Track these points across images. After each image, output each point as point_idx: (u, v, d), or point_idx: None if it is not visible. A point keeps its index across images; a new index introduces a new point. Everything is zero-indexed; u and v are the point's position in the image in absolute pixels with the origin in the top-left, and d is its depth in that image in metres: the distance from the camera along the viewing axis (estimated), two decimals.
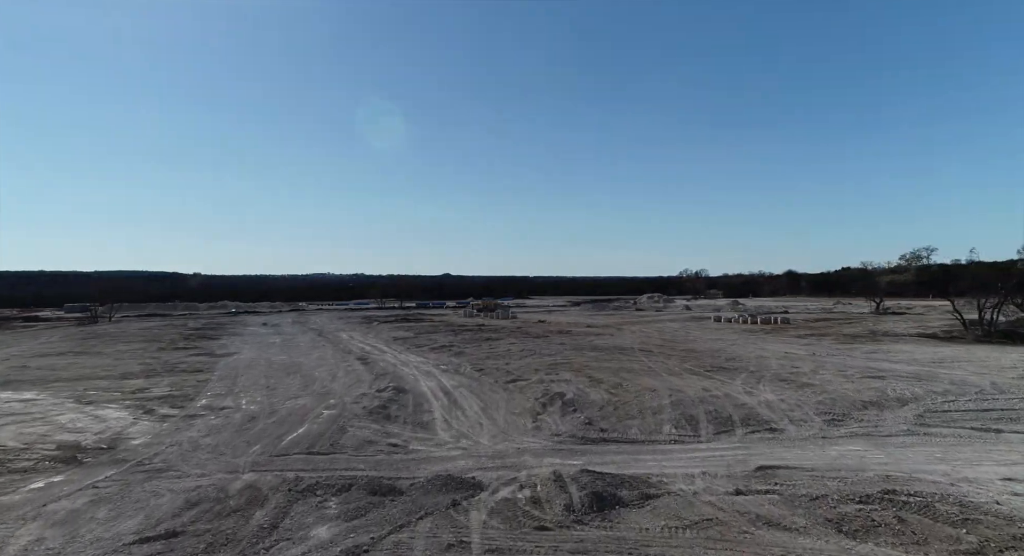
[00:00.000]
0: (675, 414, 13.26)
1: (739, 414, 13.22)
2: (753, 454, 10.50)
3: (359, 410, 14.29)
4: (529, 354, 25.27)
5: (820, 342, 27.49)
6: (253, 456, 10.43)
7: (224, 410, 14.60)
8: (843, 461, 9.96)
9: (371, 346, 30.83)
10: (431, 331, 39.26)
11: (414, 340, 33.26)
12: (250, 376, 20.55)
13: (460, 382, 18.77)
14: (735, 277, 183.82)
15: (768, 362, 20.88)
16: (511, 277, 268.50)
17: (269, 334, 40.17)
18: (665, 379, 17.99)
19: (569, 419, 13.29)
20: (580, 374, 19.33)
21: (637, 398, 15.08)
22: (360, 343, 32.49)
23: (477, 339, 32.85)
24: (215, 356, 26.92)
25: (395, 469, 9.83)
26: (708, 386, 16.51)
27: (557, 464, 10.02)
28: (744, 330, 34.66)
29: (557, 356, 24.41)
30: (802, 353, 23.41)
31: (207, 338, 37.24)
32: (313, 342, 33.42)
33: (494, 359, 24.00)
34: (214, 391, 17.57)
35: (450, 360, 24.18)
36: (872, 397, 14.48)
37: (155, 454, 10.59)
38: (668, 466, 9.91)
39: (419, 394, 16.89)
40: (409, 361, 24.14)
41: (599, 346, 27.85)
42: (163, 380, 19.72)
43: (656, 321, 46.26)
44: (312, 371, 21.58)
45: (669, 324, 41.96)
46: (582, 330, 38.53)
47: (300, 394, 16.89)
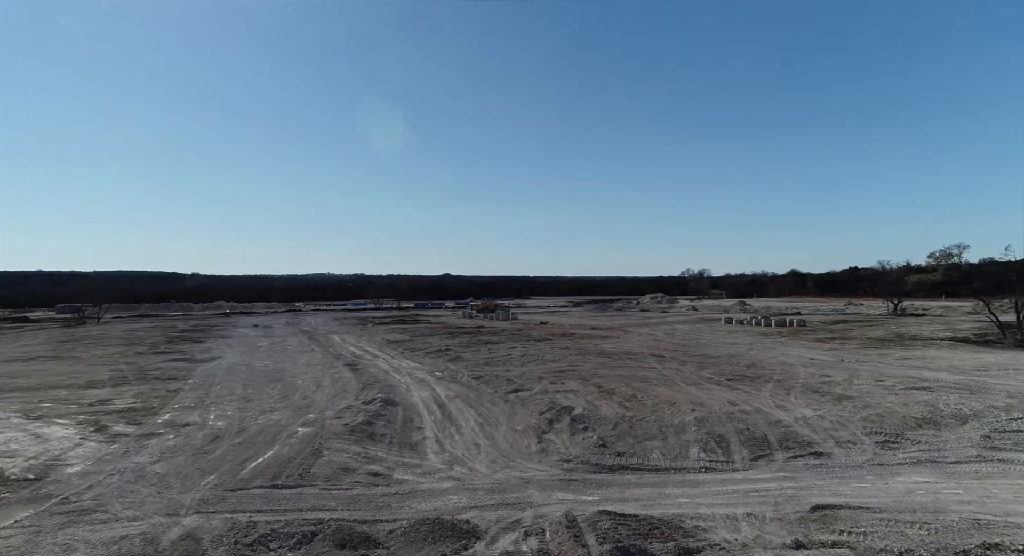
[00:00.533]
0: (701, 434, 11.59)
1: (775, 434, 11.55)
2: (802, 487, 8.84)
3: (340, 427, 12.63)
4: (531, 360, 23.60)
5: (844, 347, 25.79)
6: (204, 490, 8.76)
7: (187, 427, 12.93)
8: (914, 498, 8.29)
9: (363, 350, 29.17)
10: (427, 334, 37.59)
11: (409, 343, 31.60)
12: (227, 385, 18.88)
13: (456, 392, 17.13)
14: (738, 277, 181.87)
15: (794, 370, 19.19)
16: (511, 277, 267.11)
17: (258, 336, 38.50)
18: (683, 390, 16.32)
19: (580, 439, 11.63)
20: (588, 383, 17.66)
21: (655, 413, 13.42)
22: (352, 347, 30.83)
23: (476, 343, 31.19)
24: (195, 361, 25.25)
25: (374, 508, 8.17)
26: (733, 398, 14.84)
27: (569, 501, 8.37)
28: (759, 333, 32.96)
29: (561, 362, 22.74)
30: (829, 359, 21.71)
31: (192, 341, 35.57)
32: (302, 345, 31.75)
33: (493, 365, 22.34)
34: (183, 403, 15.90)
35: (446, 366, 22.52)
36: (923, 413, 12.80)
37: (88, 487, 8.92)
38: (703, 503, 8.25)
39: (410, 407, 15.23)
40: (402, 367, 22.47)
41: (606, 351, 26.18)
42: (130, 390, 18.05)
43: (663, 323, 44.56)
44: (295, 379, 19.92)
45: (678, 326, 40.26)
46: (586, 332, 36.85)
47: (277, 407, 15.23)
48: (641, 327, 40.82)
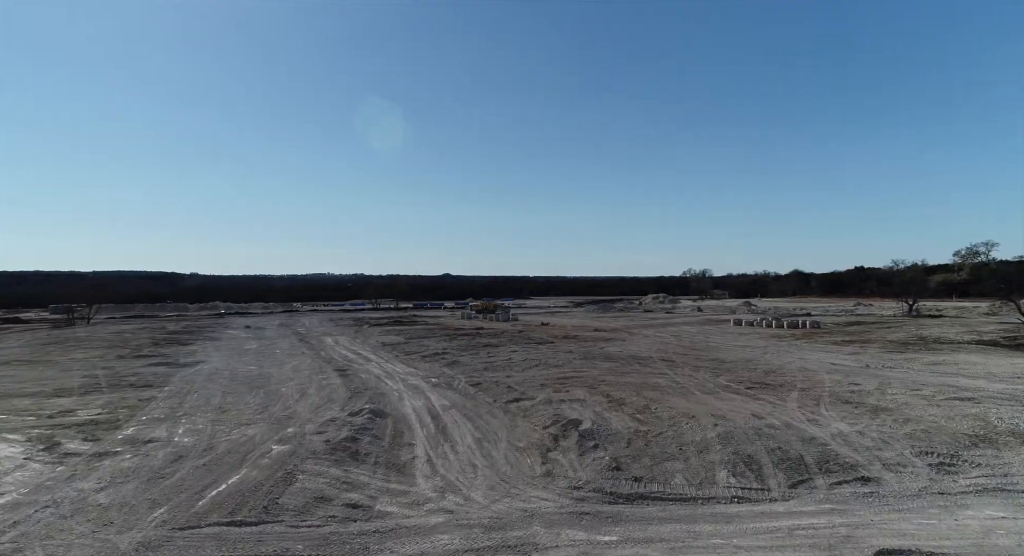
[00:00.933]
0: (728, 453, 10.24)
1: (812, 454, 10.20)
2: (857, 524, 7.49)
3: (320, 444, 11.28)
4: (533, 365, 22.24)
5: (866, 351, 24.40)
6: (148, 529, 7.41)
7: (149, 445, 11.58)
8: (997, 540, 6.95)
9: (355, 353, 27.82)
10: (424, 336, 36.23)
11: (404, 346, 30.25)
12: (205, 393, 17.53)
13: (452, 401, 15.79)
14: (739, 277, 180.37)
15: (818, 377, 17.83)
16: (511, 277, 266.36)
17: (248, 338, 37.14)
18: (701, 400, 14.96)
19: (590, 459, 10.28)
20: (595, 392, 16.31)
21: (673, 428, 12.07)
22: (344, 350, 29.48)
23: (474, 346, 29.84)
24: (177, 366, 23.90)
25: (347, 552, 6.83)
26: (757, 410, 13.49)
27: (582, 542, 7.04)
28: (771, 335, 31.56)
29: (565, 367, 21.38)
30: (852, 365, 20.33)
31: (179, 343, 34.22)
32: (292, 348, 30.39)
33: (493, 371, 20.99)
34: (152, 415, 14.55)
35: (442, 372, 21.17)
36: (975, 428, 11.45)
37: (13, 524, 7.57)
38: (742, 546, 6.91)
39: (401, 419, 13.90)
40: (395, 372, 21.12)
41: (612, 355, 24.82)
42: (99, 399, 16.70)
43: (669, 324, 43.18)
44: (280, 386, 18.57)
45: (685, 328, 38.88)
46: (589, 334, 35.48)
47: (254, 419, 13.88)
48: (646, 329, 39.45)
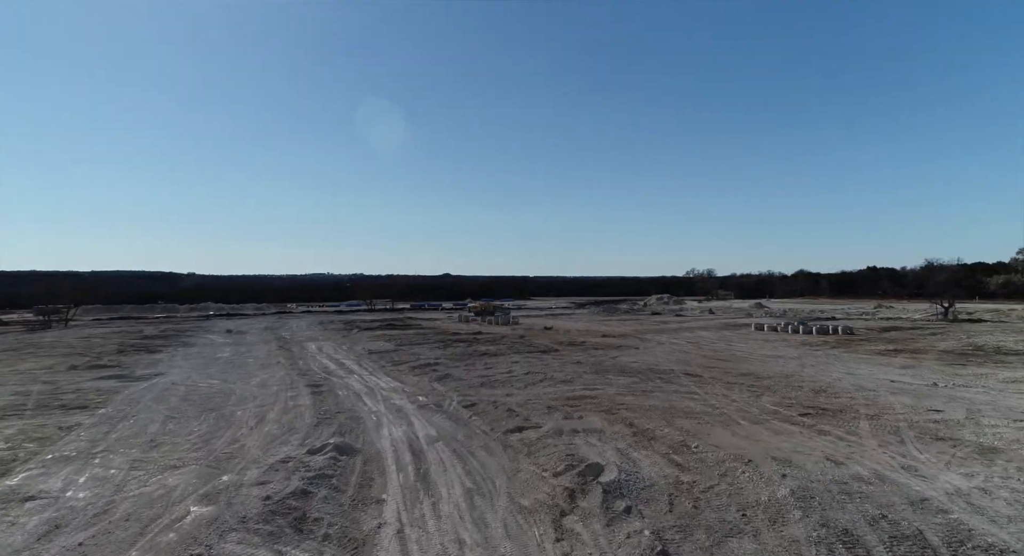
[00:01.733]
0: (813, 526, 7.33)
1: (935, 529, 7.29)
2: None
3: (256, 504, 8.40)
4: (537, 379, 19.35)
5: (921, 363, 21.45)
6: None
7: (26, 505, 8.69)
8: None
9: (337, 363, 24.94)
10: (416, 342, 33.30)
11: (393, 355, 27.37)
12: (143, 418, 14.64)
13: (440, 430, 12.93)
14: (743, 277, 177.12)
15: (882, 399, 14.91)
16: (511, 277, 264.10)
17: (224, 344, 34.24)
18: (750, 432, 12.06)
19: (622, 534, 7.39)
20: (615, 418, 13.42)
21: (726, 478, 9.17)
22: (326, 358, 26.61)
23: (471, 354, 26.95)
24: (130, 379, 21.02)
25: None
26: (829, 450, 10.58)
27: None
28: (801, 343, 28.56)
29: (576, 383, 18.48)
30: (915, 382, 17.39)
31: (147, 350, 31.34)
32: (268, 357, 27.50)
33: (490, 387, 18.11)
34: (62, 451, 11.67)
35: (432, 388, 18.29)
36: None
37: None
38: None
39: (373, 457, 11.03)
40: (378, 388, 18.24)
41: (627, 367, 21.90)
42: (12, 426, 13.82)
43: (683, 329, 40.23)
44: (237, 408, 15.68)
45: (701, 333, 35.93)
46: (598, 341, 32.57)
47: (187, 459, 10.99)
48: (659, 334, 36.53)
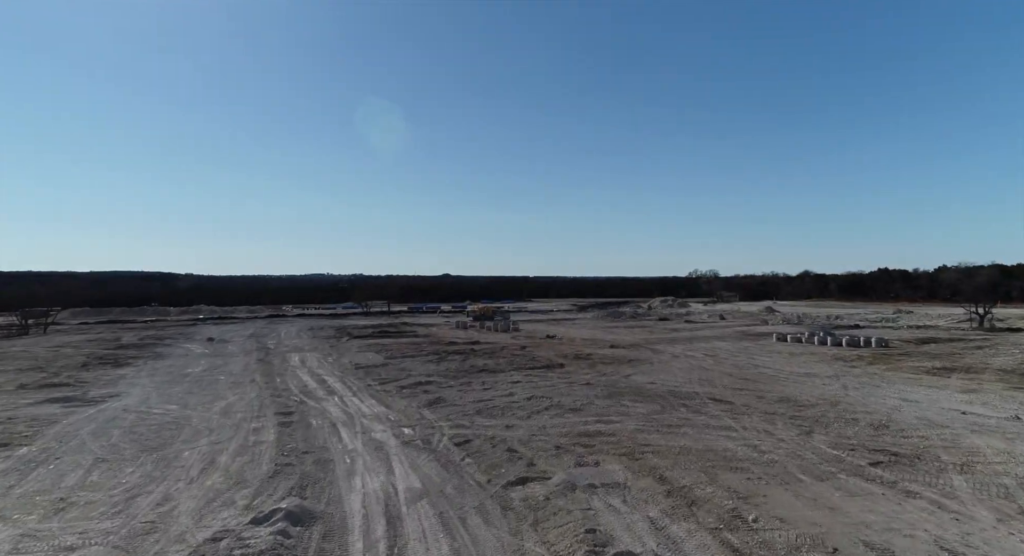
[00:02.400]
0: None
1: None
2: None
3: None
4: (542, 406, 16.84)
5: (982, 386, 18.86)
6: None
7: None
8: None
9: (319, 381, 22.46)
10: (409, 354, 30.76)
11: (381, 371, 24.88)
12: (68, 462, 12.15)
13: (425, 480, 10.45)
14: (747, 278, 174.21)
15: (964, 440, 12.38)
16: (511, 277, 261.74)
17: (200, 357, 31.71)
18: (817, 493, 9.52)
19: None
20: (640, 468, 10.91)
21: None
22: (307, 374, 24.12)
23: (467, 370, 24.45)
24: (78, 404, 18.52)
25: None
26: (932, 526, 8.07)
27: None
28: (833, 357, 25.95)
29: (587, 412, 15.97)
30: (996, 417, 14.65)
31: (115, 363, 28.86)
32: (243, 373, 24.98)
33: (488, 416, 15.62)
34: None
35: (420, 416, 15.79)
36: None
37: None
38: None
39: (335, 528, 8.56)
40: (358, 415, 15.74)
41: (643, 388, 19.38)
42: None
43: (696, 338, 37.65)
44: (186, 446, 13.18)
45: (717, 343, 33.34)
46: (606, 352, 30.05)
47: (92, 533, 8.51)
48: (671, 345, 33.99)
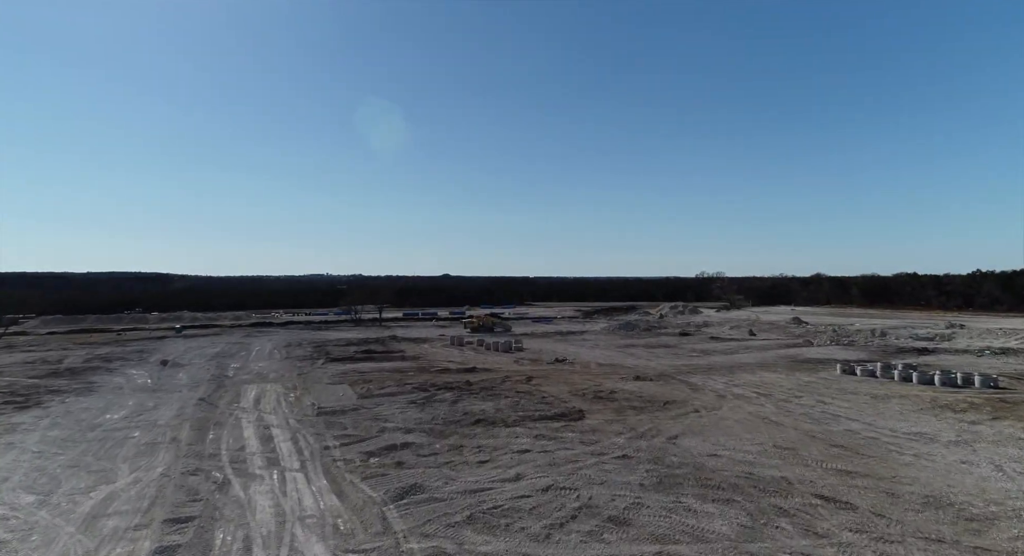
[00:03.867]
0: None
1: None
2: None
3: None
4: (566, 509, 11.35)
5: None
6: None
7: None
8: None
9: (263, 439, 17.05)
10: (389, 390, 25.19)
11: (349, 419, 19.44)
12: None
13: None
14: (756, 280, 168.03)
15: None
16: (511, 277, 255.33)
17: (137, 391, 26.22)
18: None
19: None
20: None
21: None
22: (253, 426, 18.72)
23: (458, 421, 18.94)
24: None
25: None
26: None
27: None
28: (933, 403, 20.14)
29: (635, 524, 10.49)
30: None
31: (23, 404, 23.45)
32: (169, 424, 19.46)
33: (484, 528, 10.17)
34: None
35: (383, 525, 10.26)
36: None
37: None
38: None
39: None
40: (293, 519, 10.20)
41: (703, 466, 13.87)
42: None
43: (737, 366, 31.99)
44: None
45: (767, 376, 27.64)
46: (631, 387, 24.53)
47: None
48: (708, 375, 28.48)
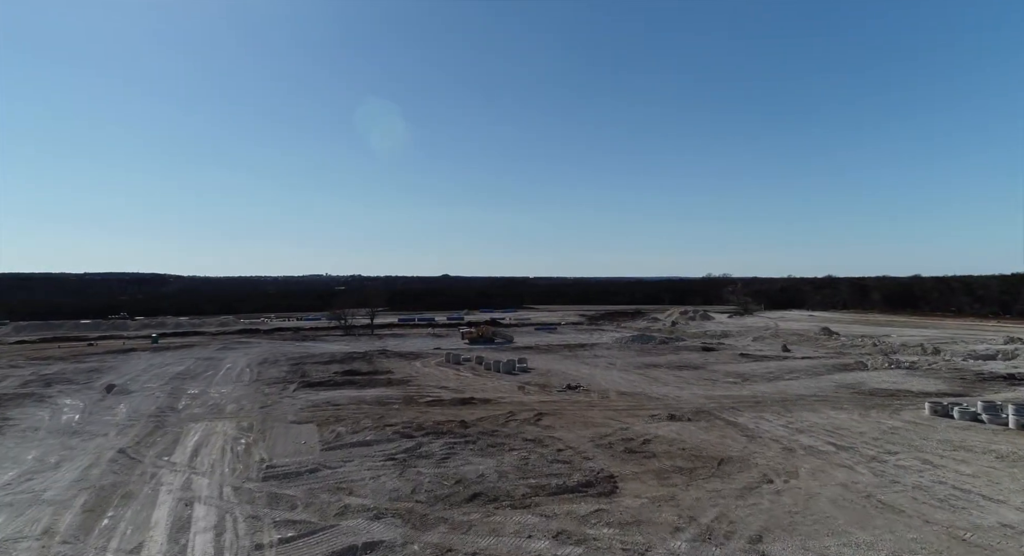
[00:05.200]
0: None
1: None
2: None
3: None
4: None
5: None
6: None
7: None
8: None
9: (174, 525, 12.20)
10: (364, 434, 20.20)
11: (306, 487, 14.54)
12: None
13: None
14: (764, 281, 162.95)
15: None
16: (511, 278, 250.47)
17: (52, 434, 21.29)
18: None
19: None
20: None
21: None
22: (178, 494, 13.81)
23: (447, 496, 14.01)
24: None
25: None
26: None
27: None
28: None
29: None
30: None
31: None
32: (57, 500, 14.53)
33: None
34: None
35: None
36: None
37: None
38: None
39: None
40: None
41: None
42: None
43: (789, 398, 26.99)
44: None
45: (835, 415, 22.48)
46: (669, 434, 19.62)
47: None
48: (759, 412, 23.55)
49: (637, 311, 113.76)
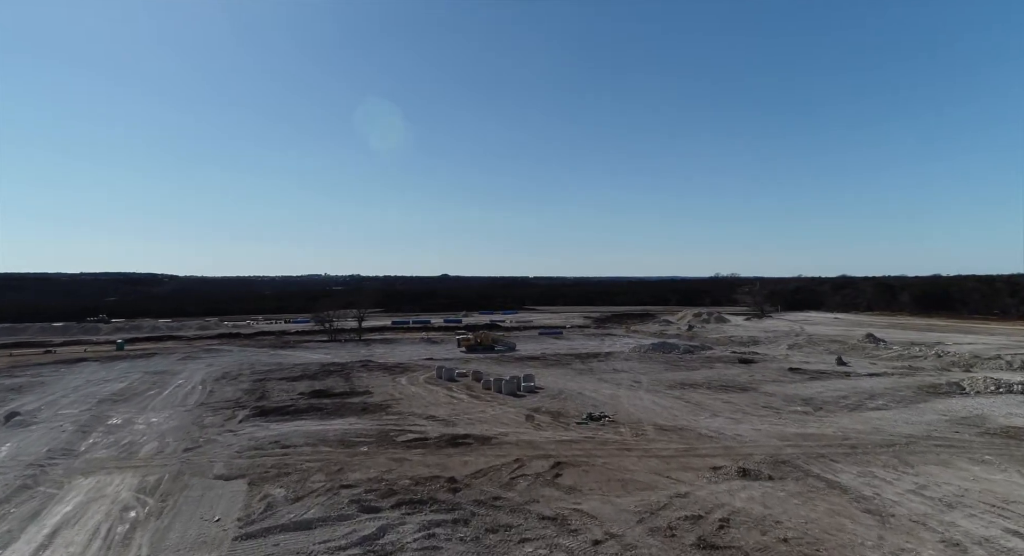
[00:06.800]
0: None
1: None
2: None
3: None
4: None
5: None
6: None
7: None
8: None
9: None
10: (310, 502, 14.02)
11: None
12: None
13: None
14: (776, 281, 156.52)
15: None
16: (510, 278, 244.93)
17: None
18: None
19: None
20: None
21: None
22: None
23: None
24: None
25: None
26: None
27: None
28: None
29: None
30: None
31: None
32: None
33: None
34: None
35: None
36: None
37: None
38: None
39: None
40: None
41: None
42: None
43: (893, 441, 20.86)
44: None
45: (977, 472, 16.22)
46: (754, 515, 13.50)
47: None
48: (865, 464, 17.44)
49: (645, 312, 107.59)
